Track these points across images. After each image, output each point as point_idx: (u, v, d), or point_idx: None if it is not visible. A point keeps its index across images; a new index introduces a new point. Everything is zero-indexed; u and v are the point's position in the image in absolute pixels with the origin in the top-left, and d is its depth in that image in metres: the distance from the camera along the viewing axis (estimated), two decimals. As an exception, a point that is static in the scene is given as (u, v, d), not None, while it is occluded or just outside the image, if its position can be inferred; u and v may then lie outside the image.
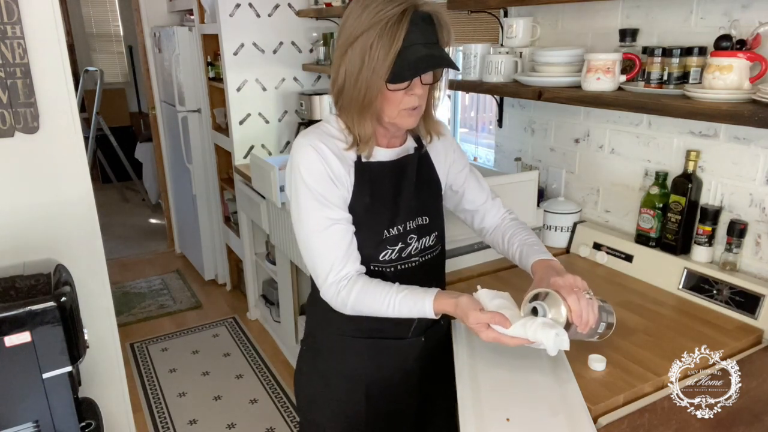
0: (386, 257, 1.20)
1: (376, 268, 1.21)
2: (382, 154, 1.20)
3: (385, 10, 1.03)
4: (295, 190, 1.15)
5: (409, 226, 1.23)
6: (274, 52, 3.24)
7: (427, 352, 1.33)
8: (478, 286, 1.15)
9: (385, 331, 1.25)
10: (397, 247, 1.21)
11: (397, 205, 1.21)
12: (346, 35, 1.08)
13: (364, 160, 1.17)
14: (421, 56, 1.05)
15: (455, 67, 1.11)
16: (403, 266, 1.23)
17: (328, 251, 1.14)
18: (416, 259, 1.25)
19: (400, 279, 1.21)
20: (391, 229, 1.20)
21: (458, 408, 1.12)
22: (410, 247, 1.23)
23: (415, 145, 1.27)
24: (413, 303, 1.11)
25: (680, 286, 1.58)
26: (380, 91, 1.09)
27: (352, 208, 1.17)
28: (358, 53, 1.06)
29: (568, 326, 1.09)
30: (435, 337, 1.35)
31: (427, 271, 1.28)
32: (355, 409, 1.30)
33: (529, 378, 1.18)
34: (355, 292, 1.14)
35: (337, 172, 1.14)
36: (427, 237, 1.27)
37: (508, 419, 1.06)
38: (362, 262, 1.19)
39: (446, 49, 1.12)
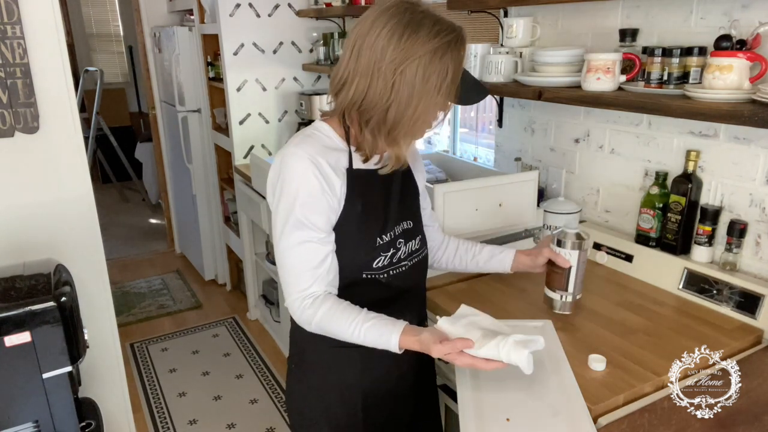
0: (379, 264, 1.20)
1: (369, 276, 1.20)
2: (372, 160, 1.20)
3: (444, 32, 1.03)
4: (285, 203, 1.13)
5: (397, 231, 1.23)
6: (274, 52, 3.24)
7: (421, 355, 1.32)
8: (437, 317, 1.16)
9: None
10: (389, 253, 1.21)
11: (388, 211, 1.22)
12: (397, 55, 1.03)
13: (355, 166, 1.17)
14: (474, 81, 1.12)
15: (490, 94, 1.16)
16: (395, 271, 1.23)
17: (298, 266, 1.14)
18: (406, 263, 1.25)
19: (392, 284, 1.22)
20: (383, 236, 1.20)
21: (459, 408, 1.12)
22: (400, 252, 1.24)
23: None
24: (379, 335, 1.10)
25: (680, 286, 1.58)
26: (435, 112, 1.11)
27: (345, 218, 1.16)
28: (420, 74, 1.03)
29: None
30: None
31: (415, 274, 1.29)
32: (353, 421, 1.28)
33: (529, 378, 1.18)
34: (321, 313, 1.13)
35: (332, 184, 1.13)
36: (413, 241, 1.27)
37: (508, 419, 1.06)
38: (355, 272, 1.18)
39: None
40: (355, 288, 1.20)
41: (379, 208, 1.21)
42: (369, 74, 1.06)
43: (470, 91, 1.10)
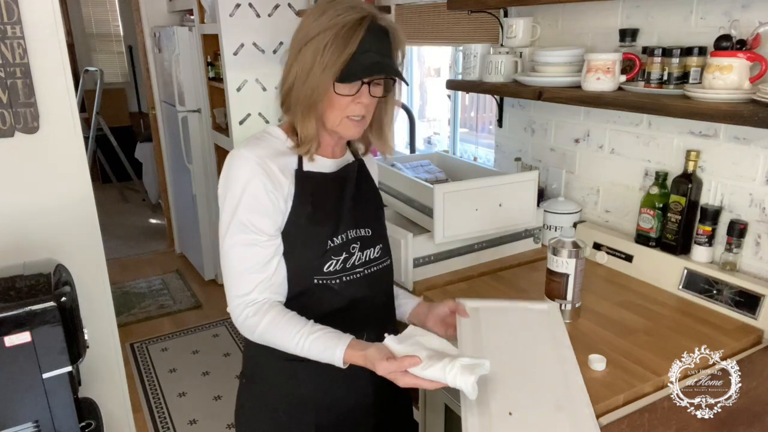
0: (331, 268, 1.16)
1: (321, 281, 1.16)
2: (324, 164, 1.19)
3: (344, 15, 1.05)
4: (229, 204, 1.11)
5: (351, 236, 1.20)
6: (274, 52, 3.24)
7: None
8: (386, 335, 1.10)
9: None
10: (342, 258, 1.18)
11: (340, 213, 1.19)
12: (302, 36, 1.09)
13: (305, 168, 1.15)
14: (374, 61, 1.07)
15: (405, 81, 1.13)
16: (348, 278, 1.19)
17: (239, 268, 1.11)
18: (360, 270, 1.21)
19: (346, 291, 1.18)
20: (335, 239, 1.17)
21: (461, 402, 1.11)
22: (354, 258, 1.19)
23: (353, 159, 1.26)
24: (324, 348, 1.07)
25: (680, 286, 1.58)
26: (327, 92, 1.08)
27: (294, 219, 1.13)
28: (311, 52, 1.06)
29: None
30: None
31: (372, 284, 1.24)
32: None
33: (534, 373, 1.16)
34: (265, 322, 1.10)
35: (279, 185, 1.12)
36: (372, 249, 1.23)
37: (510, 413, 1.05)
38: (306, 278, 1.15)
39: (400, 67, 1.13)
40: (308, 296, 1.16)
41: (330, 211, 1.17)
42: (285, 62, 1.13)
43: (361, 70, 1.07)
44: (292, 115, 1.14)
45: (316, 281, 1.16)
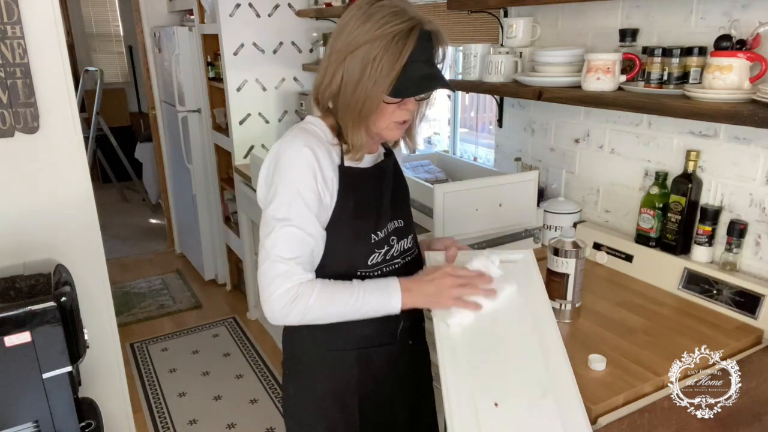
0: (374, 261, 1.20)
1: (363, 274, 1.19)
2: (364, 159, 1.20)
3: (393, 23, 1.03)
4: (286, 191, 1.10)
5: (390, 228, 1.23)
6: (274, 52, 3.24)
7: (416, 354, 1.33)
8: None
9: (372, 338, 1.23)
10: (383, 250, 1.21)
11: (381, 208, 1.21)
12: (347, 42, 1.06)
13: (346, 164, 1.16)
14: (424, 74, 1.07)
15: (452, 89, 1.14)
16: (388, 269, 1.22)
17: (293, 254, 1.09)
18: (398, 260, 1.25)
19: None
20: (378, 232, 1.20)
21: (443, 396, 1.06)
22: (393, 249, 1.23)
23: (384, 151, 1.29)
24: (376, 287, 1.12)
25: (680, 286, 1.58)
26: (378, 105, 1.08)
27: (338, 214, 1.15)
28: (360, 62, 1.05)
29: None
30: (422, 339, 1.36)
31: (407, 274, 1.25)
32: (350, 424, 1.27)
33: (515, 345, 1.13)
34: (317, 291, 1.09)
35: (327, 176, 1.12)
36: (405, 239, 1.27)
37: (496, 404, 1.02)
38: (350, 270, 1.18)
39: (439, 66, 1.13)
40: None
41: (372, 205, 1.20)
42: (326, 64, 1.12)
43: (412, 86, 1.07)
44: (342, 120, 1.13)
45: (359, 274, 1.19)
